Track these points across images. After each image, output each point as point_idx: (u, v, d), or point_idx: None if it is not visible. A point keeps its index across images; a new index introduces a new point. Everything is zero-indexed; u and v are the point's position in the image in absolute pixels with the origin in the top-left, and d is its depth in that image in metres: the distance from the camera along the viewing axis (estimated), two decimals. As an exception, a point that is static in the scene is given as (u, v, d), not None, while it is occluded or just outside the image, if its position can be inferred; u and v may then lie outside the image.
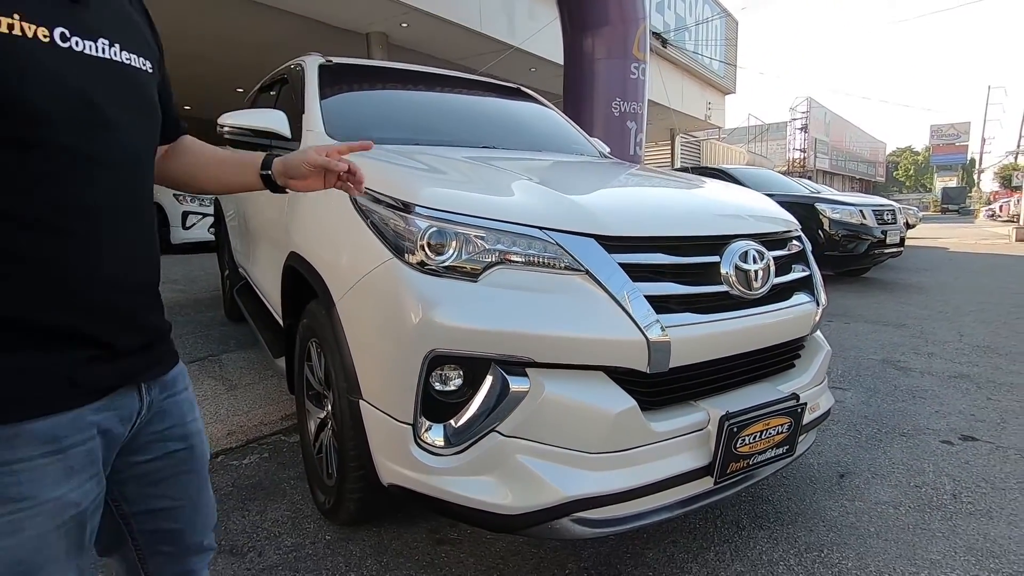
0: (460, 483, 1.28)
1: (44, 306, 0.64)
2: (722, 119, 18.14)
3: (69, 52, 0.65)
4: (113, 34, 0.71)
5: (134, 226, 0.74)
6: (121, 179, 0.71)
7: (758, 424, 1.39)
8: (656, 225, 1.37)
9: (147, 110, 0.78)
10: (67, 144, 0.64)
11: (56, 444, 0.65)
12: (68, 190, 0.65)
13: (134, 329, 0.75)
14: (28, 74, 0.61)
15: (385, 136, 2.20)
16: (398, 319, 1.29)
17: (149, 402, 0.78)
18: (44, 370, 0.64)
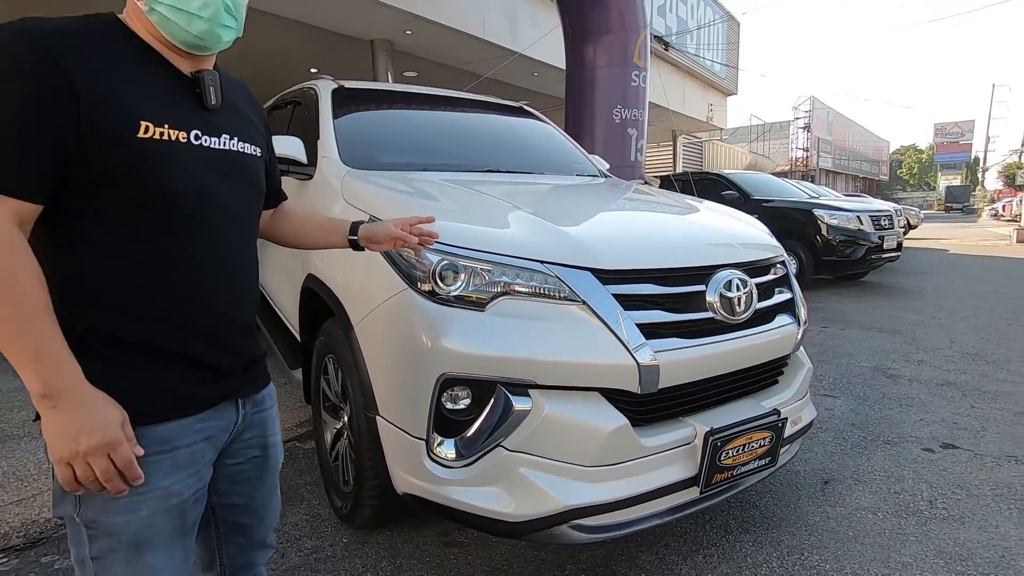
0: (469, 493, 1.41)
1: (168, 335, 0.83)
2: (724, 120, 18.21)
3: (200, 148, 0.86)
4: (232, 130, 0.92)
5: (240, 275, 0.94)
6: (230, 239, 0.91)
7: (741, 438, 1.52)
8: (646, 258, 1.49)
9: (254, 185, 0.98)
10: (193, 214, 0.84)
11: (167, 445, 0.83)
12: (195, 249, 0.85)
13: (236, 356, 0.93)
14: (173, 168, 0.82)
15: (396, 161, 2.33)
16: (412, 344, 1.42)
17: (244, 415, 0.96)
18: (164, 387, 0.83)
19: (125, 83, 0.78)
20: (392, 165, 2.26)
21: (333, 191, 2.03)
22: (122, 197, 0.78)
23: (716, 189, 7.73)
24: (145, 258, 0.81)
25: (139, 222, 0.80)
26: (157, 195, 0.80)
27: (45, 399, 0.73)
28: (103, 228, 0.78)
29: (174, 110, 0.83)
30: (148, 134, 0.78)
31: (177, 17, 0.82)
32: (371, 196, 1.80)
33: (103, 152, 0.76)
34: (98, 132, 0.75)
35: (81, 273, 0.79)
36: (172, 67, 0.86)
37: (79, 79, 0.74)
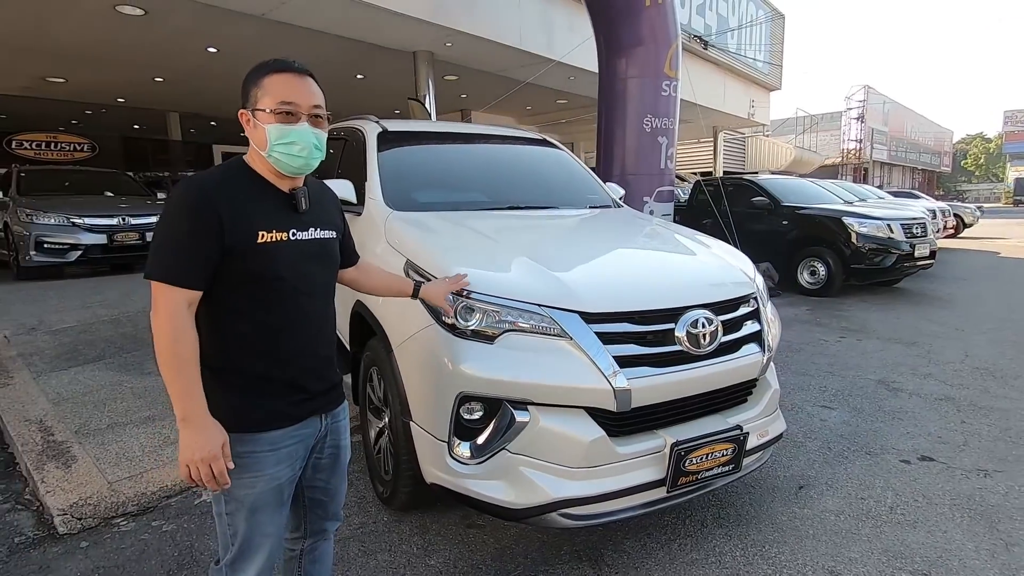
0: (480, 484, 1.80)
1: (277, 371, 1.24)
2: (766, 116, 17.91)
3: (296, 242, 1.25)
4: (317, 223, 1.31)
5: (325, 324, 1.36)
6: (319, 301, 1.32)
7: (704, 448, 1.86)
8: (624, 302, 1.84)
9: (333, 259, 1.39)
10: (293, 287, 1.24)
11: (274, 445, 1.24)
12: (293, 310, 1.25)
13: (321, 383, 1.33)
14: (279, 259, 1.21)
15: (431, 201, 2.74)
16: (438, 367, 1.82)
17: (326, 424, 1.37)
18: (273, 407, 1.24)
19: (248, 210, 1.19)
20: (428, 206, 2.67)
21: (377, 231, 2.45)
22: (249, 280, 1.19)
23: (746, 195, 7.87)
24: (262, 318, 1.21)
25: (260, 295, 1.20)
26: (270, 278, 1.20)
27: (181, 422, 1.13)
28: (237, 300, 1.19)
29: (278, 219, 1.23)
30: (263, 240, 1.19)
31: (284, 158, 1.22)
32: (409, 243, 2.21)
33: (236, 256, 1.16)
34: (232, 244, 1.15)
35: (223, 328, 1.20)
36: (276, 189, 1.26)
37: (223, 213, 1.15)
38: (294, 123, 1.20)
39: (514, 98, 12.43)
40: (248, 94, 1.23)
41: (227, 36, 8.56)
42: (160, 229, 1.15)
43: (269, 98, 1.19)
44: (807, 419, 3.22)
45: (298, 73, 1.23)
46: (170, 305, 1.12)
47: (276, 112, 1.19)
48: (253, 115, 1.22)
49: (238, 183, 1.21)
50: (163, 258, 1.13)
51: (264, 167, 1.24)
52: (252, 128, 1.22)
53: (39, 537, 2.24)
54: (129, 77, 11.22)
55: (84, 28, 8.09)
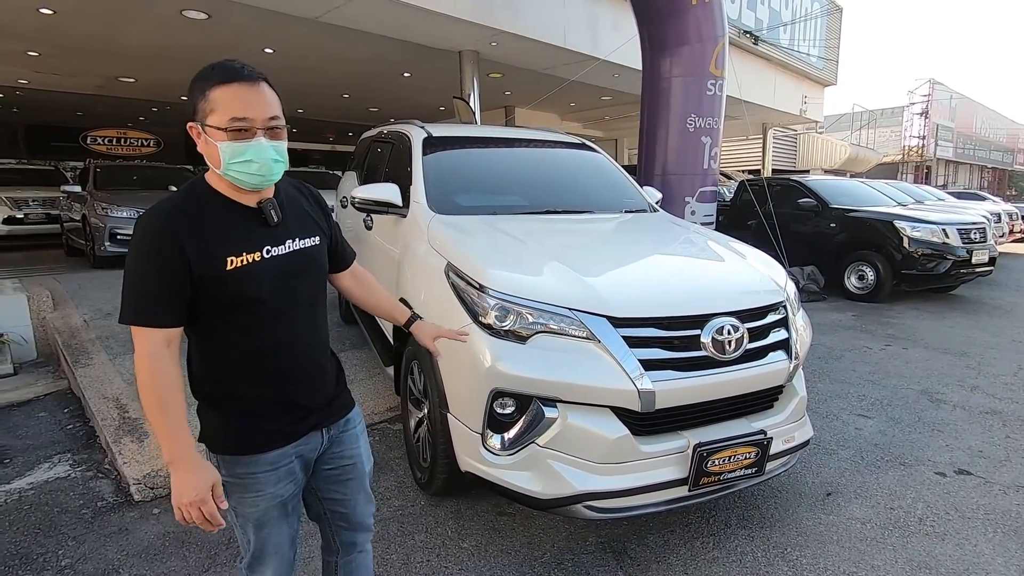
0: (511, 475, 1.93)
1: (270, 391, 1.21)
2: (819, 113, 17.28)
3: (272, 259, 1.17)
4: (294, 232, 1.23)
5: (316, 337, 1.30)
6: (307, 315, 1.26)
7: (727, 451, 1.93)
8: (651, 308, 1.93)
9: (318, 271, 1.30)
10: (275, 307, 1.18)
11: (274, 465, 1.22)
12: (279, 330, 1.20)
13: (318, 397, 1.29)
14: (255, 281, 1.15)
15: (472, 205, 2.88)
16: (474, 365, 1.96)
17: (329, 436, 1.33)
18: (269, 427, 1.21)
19: (213, 235, 1.11)
20: (469, 209, 2.81)
21: (421, 233, 2.60)
22: (226, 307, 1.14)
23: (792, 196, 7.70)
24: (248, 342, 1.17)
25: (241, 321, 1.15)
26: (249, 302, 1.14)
27: (169, 464, 1.10)
28: (219, 326, 1.15)
29: (248, 239, 1.14)
30: (233, 265, 1.11)
31: (242, 176, 1.12)
32: (449, 246, 2.35)
33: (208, 285, 1.10)
34: (202, 274, 1.09)
35: (210, 354, 1.18)
36: (241, 206, 1.17)
37: (186, 243, 1.07)
38: (249, 139, 1.09)
39: (558, 95, 12.47)
40: (195, 107, 1.10)
41: (283, 37, 8.96)
42: (128, 269, 1.09)
43: (218, 114, 1.08)
44: (841, 427, 3.21)
45: (248, 82, 1.10)
46: (147, 346, 1.08)
47: (228, 130, 1.08)
48: (204, 130, 1.10)
49: (199, 206, 1.13)
50: (133, 300, 1.08)
51: (224, 184, 1.15)
52: (204, 144, 1.12)
53: (118, 503, 2.51)
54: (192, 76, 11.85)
55: (153, 31, 8.64)
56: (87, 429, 3.27)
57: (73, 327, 4.58)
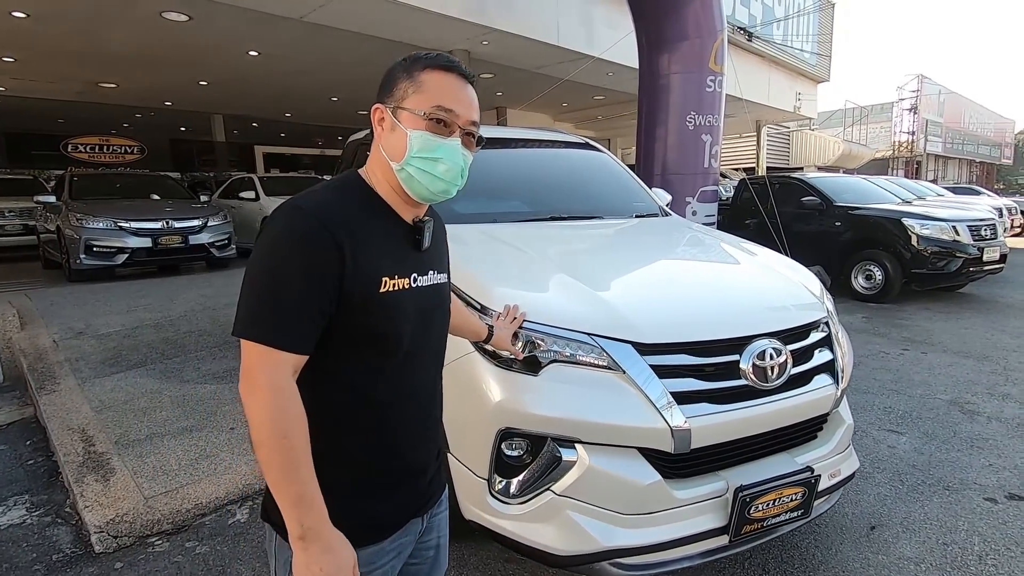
0: (523, 527, 1.67)
1: (381, 459, 0.94)
2: (813, 110, 17.18)
3: (417, 288, 0.96)
4: (434, 264, 1.03)
5: (438, 394, 1.07)
6: (434, 364, 1.04)
7: (771, 494, 1.67)
8: (682, 331, 1.67)
9: (448, 307, 1.11)
10: (410, 348, 0.95)
11: (368, 568, 0.93)
12: (407, 377, 0.96)
13: (429, 469, 1.04)
14: (401, 313, 0.92)
15: (472, 212, 2.61)
16: (478, 399, 1.69)
17: (426, 523, 1.06)
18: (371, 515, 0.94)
19: (372, 245, 0.89)
20: (468, 218, 2.54)
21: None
22: (361, 339, 0.89)
23: (795, 194, 7.49)
24: (372, 388, 0.92)
25: (370, 358, 0.91)
26: (386, 337, 0.91)
27: (300, 540, 0.81)
28: (341, 363, 0.89)
29: (401, 260, 0.94)
30: (386, 288, 0.89)
31: (422, 177, 0.92)
32: (452, 263, 2.08)
33: (353, 307, 0.86)
34: (352, 292, 0.86)
35: (320, 399, 0.88)
36: (398, 218, 0.97)
37: (347, 250, 0.85)
38: (446, 135, 0.93)
39: (550, 95, 12.25)
40: (393, 86, 0.93)
41: (267, 39, 8.67)
42: (260, 272, 0.85)
43: (423, 97, 0.91)
44: (873, 445, 2.97)
45: (464, 77, 0.96)
46: (274, 375, 0.82)
47: (429, 117, 0.91)
48: (394, 114, 0.93)
49: (358, 209, 0.92)
50: (266, 311, 0.83)
51: (390, 186, 0.96)
52: (387, 130, 0.94)
53: (76, 555, 2.22)
54: (175, 81, 11.56)
55: (133, 34, 8.32)
56: (50, 465, 2.97)
57: (40, 348, 4.27)
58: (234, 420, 3.25)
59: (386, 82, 0.95)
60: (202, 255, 7.95)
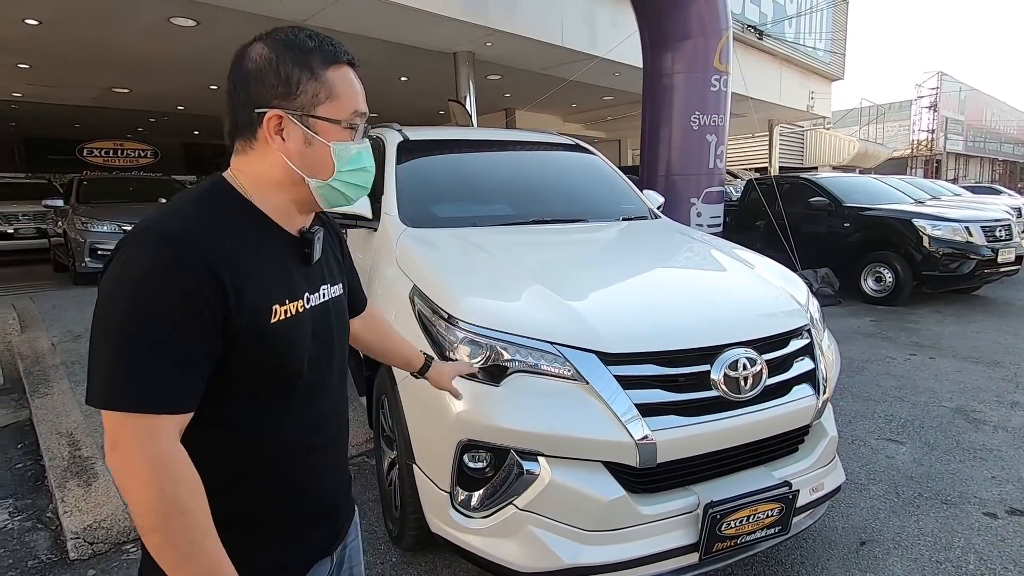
0: (487, 542, 1.61)
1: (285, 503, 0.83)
2: (827, 108, 16.88)
3: (311, 310, 0.84)
4: (326, 277, 0.90)
5: (345, 422, 0.95)
6: (340, 389, 0.93)
7: (745, 510, 1.60)
8: (649, 340, 1.61)
9: (345, 321, 0.97)
10: (311, 378, 0.83)
11: None
12: (311, 411, 0.84)
13: (341, 502, 0.94)
14: (298, 341, 0.80)
15: (449, 216, 2.58)
16: (439, 410, 1.64)
17: (338, 555, 0.96)
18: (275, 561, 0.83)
19: (256, 269, 0.76)
20: (445, 222, 2.50)
21: (390, 251, 2.29)
22: (256, 378, 0.77)
23: (803, 195, 7.35)
24: (272, 431, 0.80)
25: (268, 398, 0.79)
26: (285, 372, 0.79)
27: None
28: (237, 407, 0.77)
29: (290, 281, 0.81)
30: (277, 317, 0.77)
31: (349, 190, 0.83)
32: (416, 265, 2.04)
33: (243, 345, 0.73)
34: (239, 331, 0.72)
35: (215, 452, 0.76)
36: (282, 231, 0.83)
37: (227, 279, 0.71)
38: (358, 138, 0.83)
39: (558, 96, 12.18)
40: (293, 87, 0.77)
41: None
42: (119, 322, 0.67)
43: (339, 104, 0.79)
44: (870, 455, 2.86)
45: (355, 69, 0.84)
46: (156, 445, 0.67)
47: (350, 126, 0.81)
48: (305, 124, 0.78)
49: (234, 227, 0.77)
50: (132, 372, 0.67)
51: (284, 199, 0.81)
52: (296, 142, 0.78)
53: (51, 561, 2.22)
54: (187, 85, 11.68)
55: (143, 40, 8.41)
56: (38, 469, 2.98)
57: (39, 351, 4.31)
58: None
59: (272, 81, 0.77)
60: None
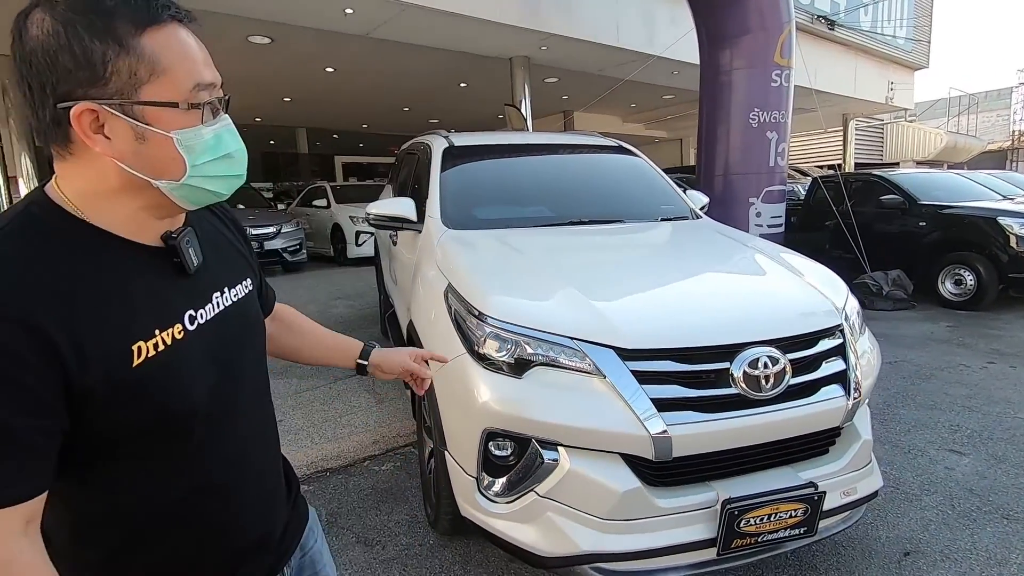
0: (509, 526, 1.70)
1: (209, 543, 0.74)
2: (909, 99, 15.77)
3: (200, 328, 0.69)
4: (220, 280, 0.76)
5: (270, 444, 0.84)
6: (257, 412, 0.81)
7: (765, 508, 1.60)
8: (668, 337, 1.64)
9: (258, 333, 0.84)
10: (213, 414, 0.70)
11: None
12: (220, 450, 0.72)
13: (275, 528, 0.83)
14: (179, 375, 0.65)
15: (489, 218, 2.69)
16: (467, 399, 1.75)
17: (297, 566, 0.89)
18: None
19: (100, 307, 0.61)
20: (485, 224, 2.61)
21: (431, 252, 2.43)
22: (134, 434, 0.64)
23: (874, 193, 6.96)
24: (172, 485, 0.69)
25: (158, 451, 0.67)
26: (172, 418, 0.66)
27: None
28: (118, 472, 0.65)
29: (160, 303, 0.66)
30: (142, 356, 0.62)
31: (216, 185, 0.68)
32: (452, 265, 2.16)
33: (101, 404, 0.60)
34: (90, 390, 0.58)
35: (100, 521, 0.66)
36: (134, 247, 0.66)
37: (53, 331, 0.56)
38: (215, 116, 0.68)
39: (618, 96, 12.10)
40: (100, 68, 0.58)
41: (340, 56, 9.22)
42: None
43: (169, 79, 0.62)
44: (928, 465, 2.72)
45: (186, 22, 0.66)
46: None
47: (195, 105, 0.64)
48: (127, 113, 0.61)
49: (65, 261, 0.61)
50: None
51: (129, 208, 0.65)
52: (124, 141, 0.61)
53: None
54: (263, 99, 12.55)
55: (225, 58, 9.12)
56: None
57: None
58: (280, 412, 3.50)
59: (67, 63, 0.58)
60: (276, 259, 8.65)
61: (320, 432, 3.23)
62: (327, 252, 9.99)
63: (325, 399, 3.69)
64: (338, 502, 2.60)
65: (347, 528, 2.40)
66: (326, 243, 9.96)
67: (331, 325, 1.15)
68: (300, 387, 3.88)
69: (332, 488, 2.73)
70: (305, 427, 3.29)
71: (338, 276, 8.76)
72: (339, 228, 9.37)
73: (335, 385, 3.93)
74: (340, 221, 9.27)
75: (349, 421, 3.36)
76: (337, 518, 2.47)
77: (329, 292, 7.49)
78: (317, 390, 3.83)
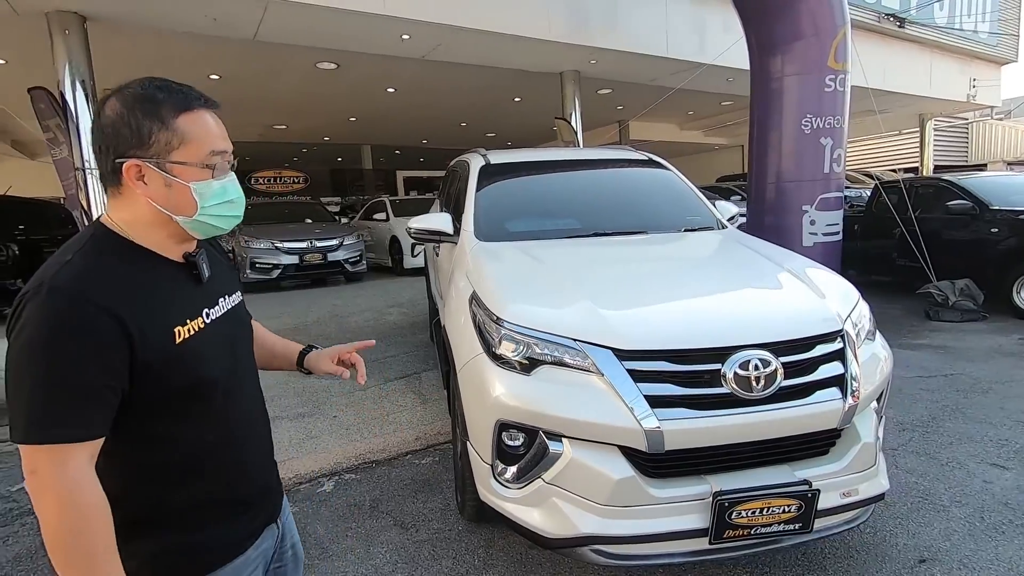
0: (519, 509, 1.89)
1: (225, 488, 0.97)
2: (996, 96, 14.68)
3: (213, 323, 0.96)
4: (222, 288, 1.03)
5: (264, 412, 1.11)
6: (253, 387, 1.08)
7: (756, 502, 1.71)
8: (663, 339, 1.78)
9: (247, 325, 1.11)
10: (227, 385, 0.96)
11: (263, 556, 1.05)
12: (233, 412, 0.98)
13: (273, 481, 1.10)
14: (203, 355, 0.92)
15: (519, 231, 2.91)
16: (483, 395, 1.96)
17: (282, 526, 1.13)
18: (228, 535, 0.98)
19: (153, 300, 0.86)
20: (513, 236, 2.83)
21: (463, 262, 2.67)
22: (173, 397, 0.88)
23: (942, 198, 6.62)
24: (198, 437, 0.92)
25: (189, 410, 0.91)
26: (201, 384, 0.91)
27: None
28: (156, 426, 0.88)
29: (187, 301, 0.93)
30: (182, 338, 0.88)
31: (219, 222, 0.94)
32: (478, 273, 2.38)
33: (153, 372, 0.84)
34: (148, 358, 0.83)
35: (139, 466, 0.88)
36: (166, 261, 0.93)
37: (127, 318, 0.80)
38: (223, 174, 0.94)
39: (674, 104, 12.06)
40: (144, 138, 0.86)
41: (400, 77, 9.78)
42: (29, 363, 0.77)
43: (193, 147, 0.89)
44: (964, 478, 2.66)
45: (213, 108, 0.94)
46: (69, 472, 0.77)
47: (208, 165, 0.91)
48: (161, 168, 0.87)
49: (124, 268, 0.87)
50: (48, 410, 0.77)
51: (162, 235, 0.92)
52: (158, 187, 0.88)
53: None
54: (331, 119, 13.44)
55: (295, 84, 9.92)
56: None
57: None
58: (336, 409, 3.84)
59: (126, 134, 0.85)
60: (338, 270, 9.31)
61: (369, 428, 3.53)
62: (386, 263, 10.55)
63: (376, 399, 4.00)
64: (380, 490, 2.86)
65: (387, 513, 2.65)
66: (385, 254, 10.52)
67: (385, 331, 1.39)
68: (354, 386, 4.21)
69: (376, 477, 3.00)
70: (356, 424, 3.60)
71: (395, 285, 9.23)
72: (397, 240, 9.89)
73: (385, 386, 4.25)
74: (398, 233, 9.78)
75: (395, 419, 3.65)
76: (379, 504, 2.73)
77: (385, 300, 7.92)
78: (369, 390, 4.15)
